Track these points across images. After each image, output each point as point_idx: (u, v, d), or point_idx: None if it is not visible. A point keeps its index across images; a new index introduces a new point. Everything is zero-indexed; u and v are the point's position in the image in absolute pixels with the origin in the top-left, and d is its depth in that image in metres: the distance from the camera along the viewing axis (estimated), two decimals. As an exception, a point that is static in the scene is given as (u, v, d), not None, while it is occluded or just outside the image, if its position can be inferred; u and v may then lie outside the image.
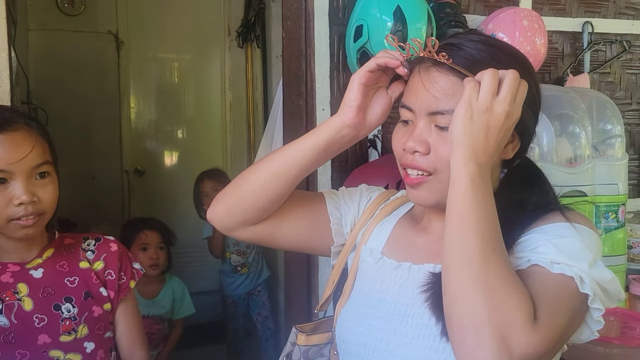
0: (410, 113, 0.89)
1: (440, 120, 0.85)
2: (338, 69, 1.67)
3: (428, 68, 0.87)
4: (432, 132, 0.86)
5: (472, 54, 0.85)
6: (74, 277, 1.19)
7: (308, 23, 1.66)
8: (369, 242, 1.03)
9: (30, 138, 1.11)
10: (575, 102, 1.61)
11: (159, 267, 2.40)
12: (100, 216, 3.51)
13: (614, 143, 1.61)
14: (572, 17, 1.90)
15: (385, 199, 1.08)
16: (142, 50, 3.78)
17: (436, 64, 0.86)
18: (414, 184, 0.89)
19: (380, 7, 1.49)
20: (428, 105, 0.86)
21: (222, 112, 3.98)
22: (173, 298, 2.47)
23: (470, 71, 0.83)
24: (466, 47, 0.86)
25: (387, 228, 1.03)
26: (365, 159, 1.70)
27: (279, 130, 1.84)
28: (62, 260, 1.20)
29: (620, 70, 1.98)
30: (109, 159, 3.72)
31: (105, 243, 1.27)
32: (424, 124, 0.87)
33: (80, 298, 1.17)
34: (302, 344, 1.04)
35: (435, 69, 0.86)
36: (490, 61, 0.84)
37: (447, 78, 0.85)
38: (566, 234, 0.82)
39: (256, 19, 3.35)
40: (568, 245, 0.80)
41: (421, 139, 0.87)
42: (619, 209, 1.56)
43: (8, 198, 1.07)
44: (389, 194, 1.09)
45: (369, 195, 1.09)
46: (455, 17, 1.64)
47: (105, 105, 3.67)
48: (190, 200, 3.87)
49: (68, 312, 1.15)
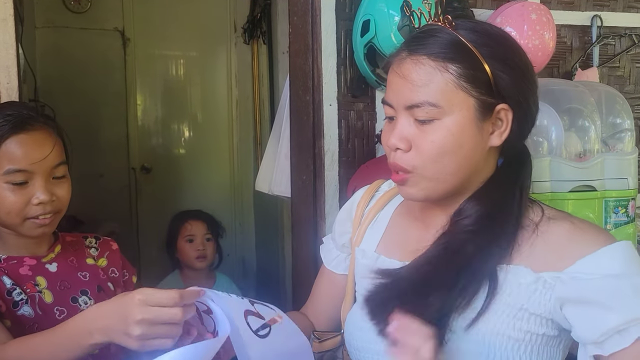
0: (391, 109, 0.86)
1: (417, 114, 0.82)
2: (345, 64, 1.67)
3: (402, 60, 0.84)
4: (412, 127, 0.83)
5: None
6: (84, 272, 1.21)
7: (315, 18, 1.65)
8: (362, 243, 1.01)
9: (50, 138, 1.11)
10: (584, 96, 1.59)
11: (206, 259, 2.31)
12: (107, 214, 3.52)
13: (623, 137, 1.59)
14: (581, 10, 1.88)
15: (371, 195, 1.06)
16: (149, 47, 3.78)
17: (411, 54, 0.82)
18: (397, 181, 0.88)
19: (388, 2, 1.49)
20: (404, 99, 0.83)
21: (229, 108, 3.98)
22: None
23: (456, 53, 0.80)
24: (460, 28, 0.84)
25: (381, 225, 1.01)
26: (373, 154, 1.70)
27: (286, 126, 1.84)
28: (70, 256, 1.22)
29: (630, 64, 1.96)
30: (116, 156, 3.72)
31: (105, 242, 1.30)
32: (404, 119, 0.84)
33: (95, 291, 1.19)
34: (316, 350, 1.03)
35: (409, 59, 0.82)
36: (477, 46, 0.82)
37: (420, 67, 0.81)
38: (617, 266, 0.77)
39: (262, 15, 3.35)
40: (632, 281, 0.75)
41: (401, 136, 0.84)
42: (629, 204, 1.54)
43: (28, 197, 1.08)
44: (375, 187, 1.07)
45: (352, 203, 1.08)
46: (463, 11, 1.63)
47: (112, 102, 3.67)
48: (198, 197, 3.90)
49: (85, 304, 1.16)
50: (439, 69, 0.80)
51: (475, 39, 0.82)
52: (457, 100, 0.81)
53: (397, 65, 0.84)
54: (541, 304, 0.81)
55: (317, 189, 1.70)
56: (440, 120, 0.81)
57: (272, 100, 3.45)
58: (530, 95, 0.86)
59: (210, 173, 4.00)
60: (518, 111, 0.84)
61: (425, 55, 0.81)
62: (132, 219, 3.80)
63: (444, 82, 0.80)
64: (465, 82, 0.80)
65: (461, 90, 0.81)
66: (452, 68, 0.80)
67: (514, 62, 0.84)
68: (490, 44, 0.83)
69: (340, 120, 1.67)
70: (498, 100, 0.83)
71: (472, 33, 0.83)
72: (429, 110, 0.81)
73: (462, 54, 0.81)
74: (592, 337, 0.76)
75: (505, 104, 0.83)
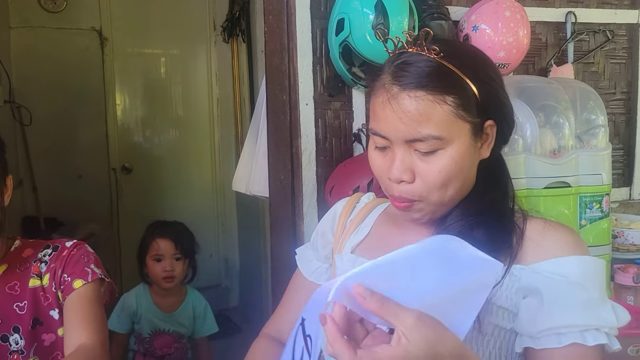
0: (384, 140, 0.85)
1: (420, 147, 0.82)
2: (321, 63, 1.66)
3: (397, 94, 0.81)
4: (414, 158, 0.83)
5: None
6: (23, 301, 1.11)
7: (290, 17, 1.64)
8: (344, 250, 1.01)
9: None
10: (558, 93, 1.60)
11: (174, 280, 2.16)
12: (88, 215, 3.50)
13: (597, 133, 1.61)
14: (555, 7, 1.89)
15: (352, 206, 1.06)
16: (127, 46, 3.74)
17: (405, 89, 0.81)
18: (402, 208, 0.87)
19: (362, 0, 1.48)
20: (404, 134, 0.81)
21: (210, 107, 3.96)
22: (194, 315, 2.25)
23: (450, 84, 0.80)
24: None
25: (362, 234, 1.01)
26: (350, 153, 1.70)
27: (263, 125, 1.83)
28: (13, 279, 1.12)
29: (604, 60, 1.98)
30: (95, 156, 3.69)
31: (60, 251, 1.17)
32: (403, 151, 0.83)
33: (28, 327, 1.09)
34: None
35: (405, 94, 0.81)
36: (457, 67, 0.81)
37: (420, 102, 0.80)
38: (577, 275, 0.79)
39: (241, 14, 3.32)
40: (587, 295, 0.78)
41: (405, 168, 0.83)
42: (603, 199, 1.56)
43: None
44: (356, 199, 1.08)
45: (334, 215, 1.08)
46: (438, 9, 1.63)
47: (91, 102, 3.64)
48: (179, 197, 3.88)
49: (16, 344, 1.07)
50: (437, 102, 0.80)
51: (459, 64, 0.82)
52: (456, 129, 0.82)
53: (391, 99, 0.82)
54: (508, 297, 0.82)
55: (295, 189, 1.70)
56: (443, 150, 0.82)
57: (252, 99, 3.43)
58: (507, 103, 0.89)
59: (192, 172, 3.99)
60: (501, 122, 0.87)
61: (423, 90, 0.80)
62: (112, 219, 3.78)
63: (444, 115, 0.80)
64: (462, 111, 0.81)
65: (459, 119, 0.81)
66: (450, 99, 0.80)
67: (490, 77, 0.86)
68: (470, 64, 0.84)
69: (317, 119, 1.67)
70: (485, 118, 0.85)
71: (454, 58, 0.82)
72: (432, 143, 0.81)
73: (456, 84, 0.81)
74: (531, 330, 0.79)
75: (490, 119, 0.85)
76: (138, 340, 2.15)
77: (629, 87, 2.01)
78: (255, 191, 1.88)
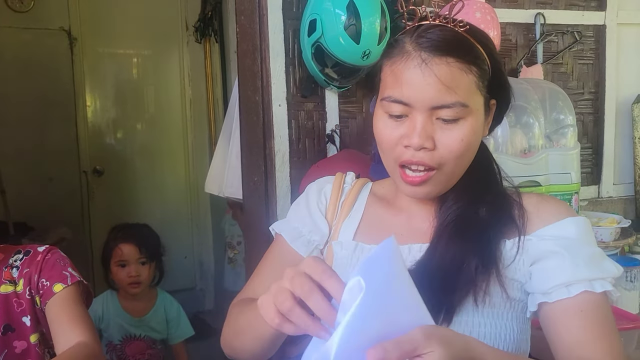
0: (404, 107, 0.84)
1: (445, 114, 0.82)
2: (294, 64, 1.66)
3: (427, 59, 0.81)
4: (435, 126, 0.83)
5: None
6: None
7: (262, 18, 1.64)
8: (340, 236, 0.98)
9: None
10: (528, 93, 1.63)
11: (141, 285, 2.10)
12: (58, 219, 3.42)
13: (566, 133, 1.64)
14: (525, 8, 1.92)
15: (340, 188, 1.03)
16: (97, 46, 3.68)
17: (436, 55, 0.81)
18: (416, 182, 0.85)
19: (334, 1, 1.48)
20: (432, 100, 0.81)
21: (183, 108, 3.92)
22: (166, 318, 2.17)
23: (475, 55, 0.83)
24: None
25: (356, 216, 0.99)
26: (324, 154, 1.70)
27: (236, 126, 1.81)
28: None
29: (573, 60, 2.02)
30: (66, 159, 3.61)
31: (33, 256, 1.16)
32: (425, 117, 0.82)
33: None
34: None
35: (436, 60, 0.81)
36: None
37: (450, 69, 0.81)
38: (575, 234, 0.86)
39: (213, 14, 3.30)
40: (589, 249, 0.85)
41: (427, 135, 0.82)
42: (572, 197, 1.59)
43: None
44: (341, 180, 1.04)
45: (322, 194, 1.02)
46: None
47: (60, 104, 3.57)
48: (153, 199, 3.83)
49: None
50: (465, 70, 0.82)
51: (479, 40, 0.85)
52: (476, 100, 0.84)
53: (421, 65, 0.81)
54: (517, 268, 0.87)
55: (269, 190, 1.69)
56: (464, 119, 0.83)
57: (225, 99, 3.42)
58: (509, 86, 0.92)
59: (165, 174, 3.94)
60: (501, 103, 0.91)
61: (453, 57, 0.81)
62: (84, 223, 3.71)
63: (469, 84, 0.83)
64: (481, 82, 0.84)
65: (478, 91, 0.84)
66: (474, 70, 0.83)
67: (499, 58, 0.90)
68: (488, 43, 0.87)
69: (290, 120, 1.66)
70: (492, 96, 0.88)
71: (476, 34, 0.86)
72: (458, 111, 0.82)
73: (478, 57, 0.84)
74: (543, 288, 0.84)
75: (494, 99, 0.89)
76: (109, 348, 2.10)
77: (596, 87, 2.05)
78: (229, 193, 1.87)
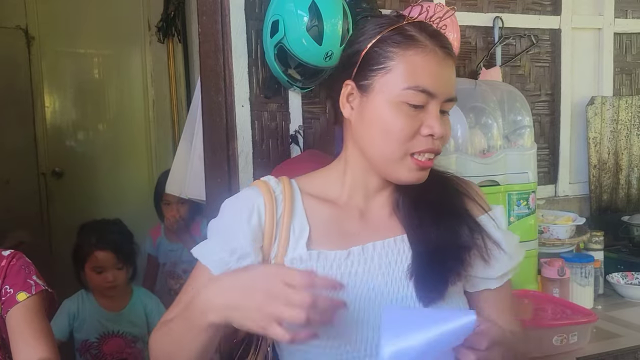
0: (427, 97, 0.87)
1: (448, 106, 0.90)
2: (257, 64, 1.65)
3: (445, 57, 0.88)
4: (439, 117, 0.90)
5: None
6: None
7: (224, 18, 1.63)
8: (289, 252, 0.92)
9: None
10: (487, 95, 1.66)
11: (118, 288, 2.08)
12: (16, 222, 3.32)
13: (523, 133, 1.68)
14: (484, 12, 1.96)
15: (273, 199, 0.94)
16: (56, 45, 3.60)
17: (448, 54, 0.89)
18: (427, 166, 0.91)
19: (296, 2, 1.48)
20: (449, 92, 0.89)
21: (145, 109, 3.86)
22: (145, 312, 2.13)
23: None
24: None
25: (300, 225, 0.94)
26: (288, 154, 1.70)
27: (198, 127, 1.80)
28: None
29: (530, 63, 2.07)
30: (23, 160, 3.52)
31: None
32: (436, 108, 0.88)
33: None
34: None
35: (449, 59, 0.89)
36: None
37: (453, 68, 0.91)
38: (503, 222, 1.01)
39: (176, 13, 3.26)
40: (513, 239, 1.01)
41: (444, 124, 0.90)
42: (529, 197, 1.63)
43: None
44: (268, 190, 0.95)
45: (257, 212, 0.93)
46: (372, 12, 1.66)
47: (17, 104, 3.47)
48: (115, 202, 3.75)
49: None
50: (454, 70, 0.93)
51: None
52: None
53: (442, 60, 0.88)
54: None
55: (233, 191, 1.67)
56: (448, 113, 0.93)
57: (189, 100, 3.37)
58: None
59: (128, 176, 3.87)
60: None
61: (453, 58, 0.90)
62: (43, 227, 3.61)
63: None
64: None
65: None
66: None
67: None
68: None
69: (253, 121, 1.66)
70: None
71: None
72: (452, 105, 0.92)
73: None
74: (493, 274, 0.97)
75: None
76: (83, 348, 2.03)
77: (552, 90, 2.11)
78: (191, 194, 1.85)
